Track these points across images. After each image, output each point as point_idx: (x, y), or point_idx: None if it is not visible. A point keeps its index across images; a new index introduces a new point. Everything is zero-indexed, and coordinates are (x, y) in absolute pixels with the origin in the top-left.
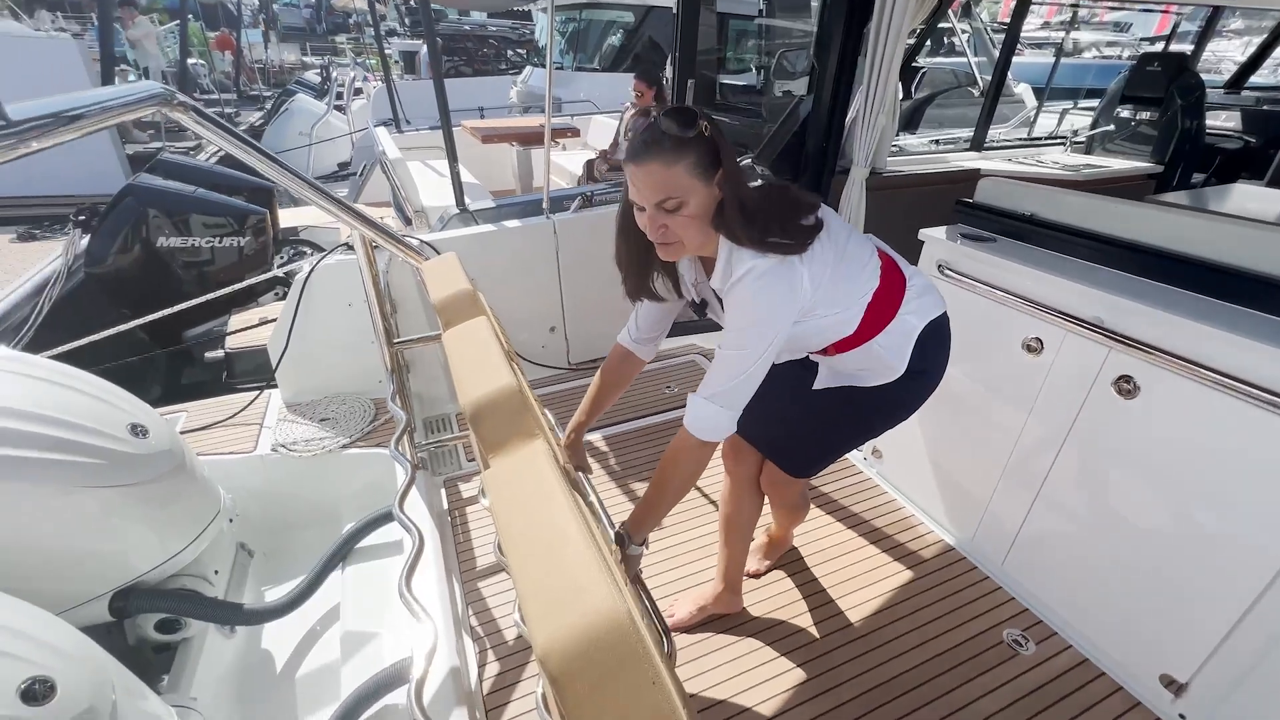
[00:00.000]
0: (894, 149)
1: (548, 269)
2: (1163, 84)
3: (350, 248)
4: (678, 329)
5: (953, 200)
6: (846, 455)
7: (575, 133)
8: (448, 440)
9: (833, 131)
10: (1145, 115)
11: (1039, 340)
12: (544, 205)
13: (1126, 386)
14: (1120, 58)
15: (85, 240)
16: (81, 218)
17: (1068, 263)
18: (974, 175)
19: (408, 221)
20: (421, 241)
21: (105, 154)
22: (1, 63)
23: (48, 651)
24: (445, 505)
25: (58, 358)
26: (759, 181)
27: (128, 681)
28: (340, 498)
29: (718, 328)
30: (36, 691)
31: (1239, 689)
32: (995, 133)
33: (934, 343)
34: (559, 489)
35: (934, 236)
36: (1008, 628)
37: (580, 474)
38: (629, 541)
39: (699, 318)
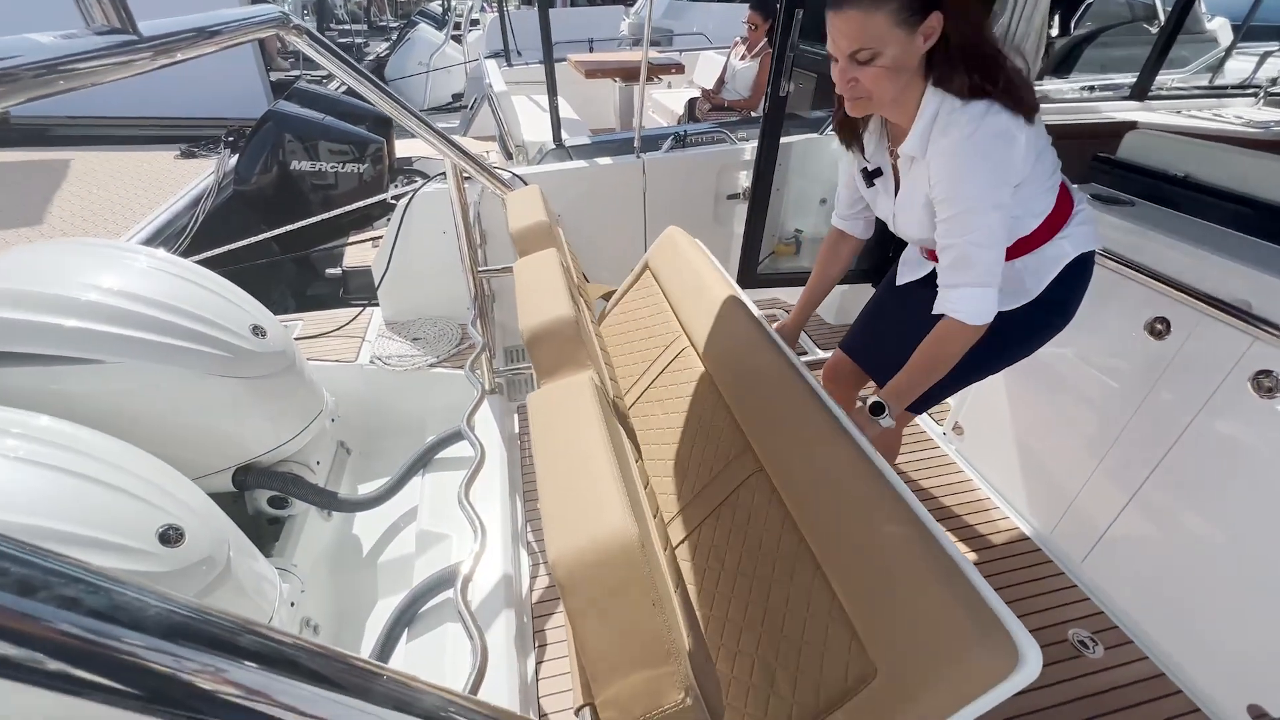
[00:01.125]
0: (1038, 94)
1: (633, 209)
2: None
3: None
4: (762, 280)
5: (1093, 158)
6: (925, 429)
7: (680, 69)
8: (524, 369)
9: None
10: None
11: (1165, 322)
12: (635, 144)
13: (1267, 383)
14: None
15: (233, 160)
16: (231, 139)
17: (1215, 235)
18: (1127, 129)
19: (509, 156)
20: (513, 175)
21: (252, 81)
22: None
23: (181, 506)
24: (516, 429)
25: (205, 261)
26: None
27: (241, 542)
28: (426, 412)
29: (802, 281)
30: (170, 536)
31: None
32: (1169, 79)
33: (1077, 276)
34: (596, 419)
35: None
36: (1075, 627)
37: (627, 418)
38: (885, 411)
39: (868, 185)
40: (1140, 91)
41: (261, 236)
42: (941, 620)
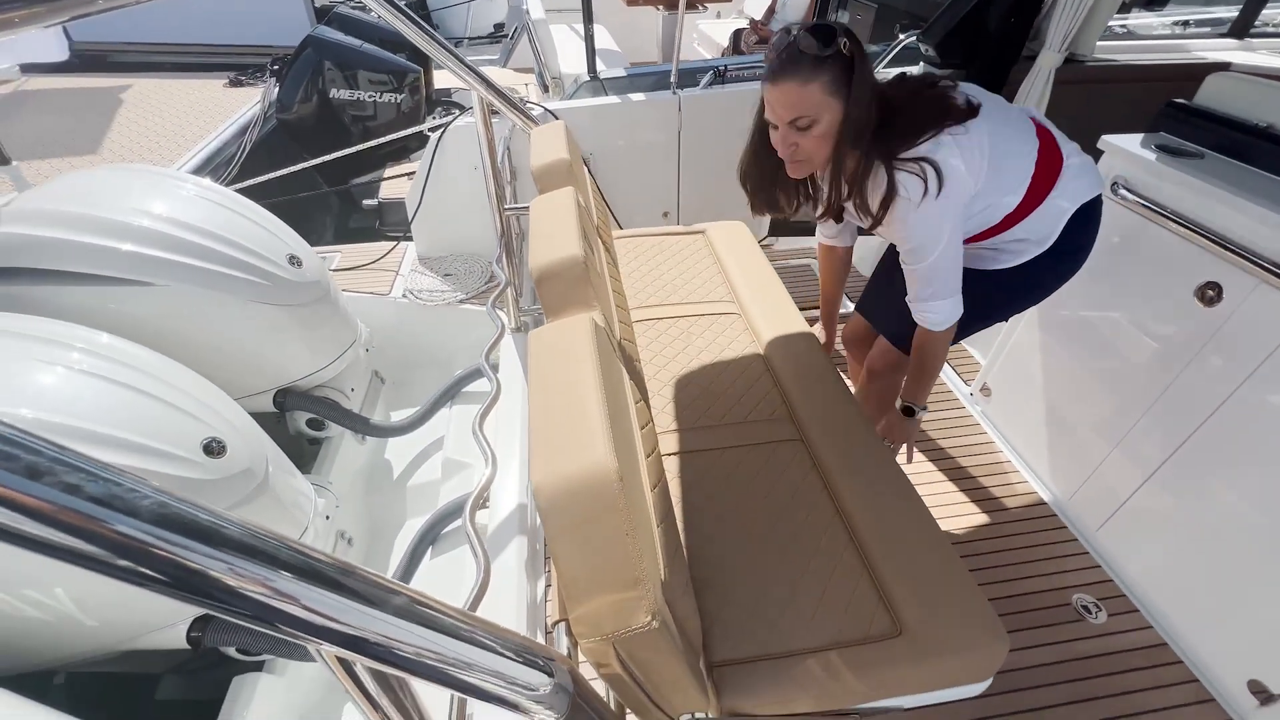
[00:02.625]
0: (1119, 29)
1: (667, 149)
2: None
3: None
4: (792, 229)
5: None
6: (952, 389)
7: None
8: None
9: (1025, 2)
10: None
11: (1217, 288)
12: (672, 79)
13: None
14: None
15: (278, 89)
16: (276, 67)
17: None
18: (1217, 70)
19: (545, 89)
20: (544, 110)
21: (296, 7)
22: None
23: (224, 422)
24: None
25: (251, 191)
26: (919, 66)
27: (280, 458)
28: (455, 346)
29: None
30: (213, 447)
31: None
32: (1277, 13)
33: (1082, 225)
34: (591, 358)
35: (1117, 145)
36: (1079, 593)
37: (634, 360)
38: (915, 412)
39: (838, 223)
40: (1241, 27)
41: (300, 166)
42: (968, 610)
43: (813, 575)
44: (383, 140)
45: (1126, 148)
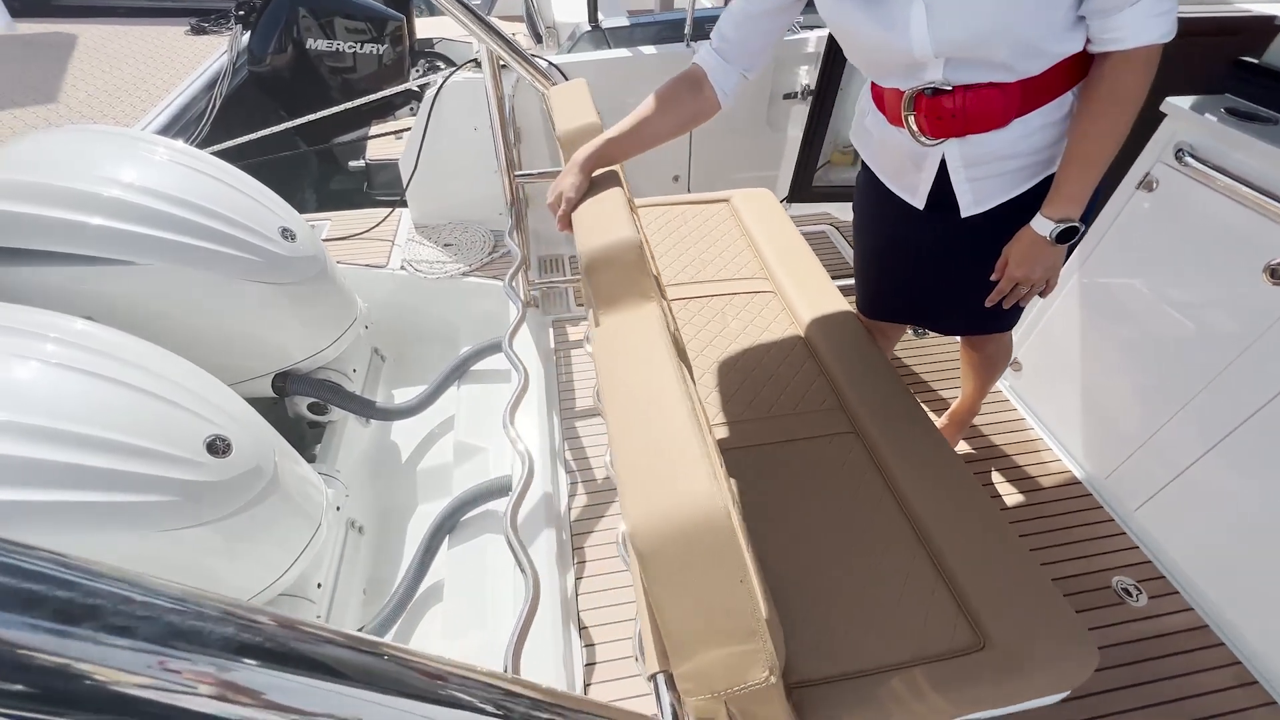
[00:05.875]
0: None
1: None
2: None
3: (480, 65)
4: (815, 194)
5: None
6: None
7: None
8: (559, 282)
9: None
10: None
11: None
12: (686, 29)
13: None
14: None
15: (246, 37)
16: (241, 12)
17: None
18: None
19: (538, 39)
20: (549, 64)
21: None
22: None
23: (225, 416)
24: (552, 344)
25: (224, 153)
26: None
27: (285, 449)
28: (458, 321)
29: (848, 197)
30: (218, 446)
31: None
32: None
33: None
34: (670, 367)
35: (1182, 107)
36: (1119, 575)
37: (683, 350)
38: (1079, 231)
39: None
40: None
41: (282, 127)
42: (1052, 619)
43: (884, 583)
44: (375, 97)
45: (1192, 109)
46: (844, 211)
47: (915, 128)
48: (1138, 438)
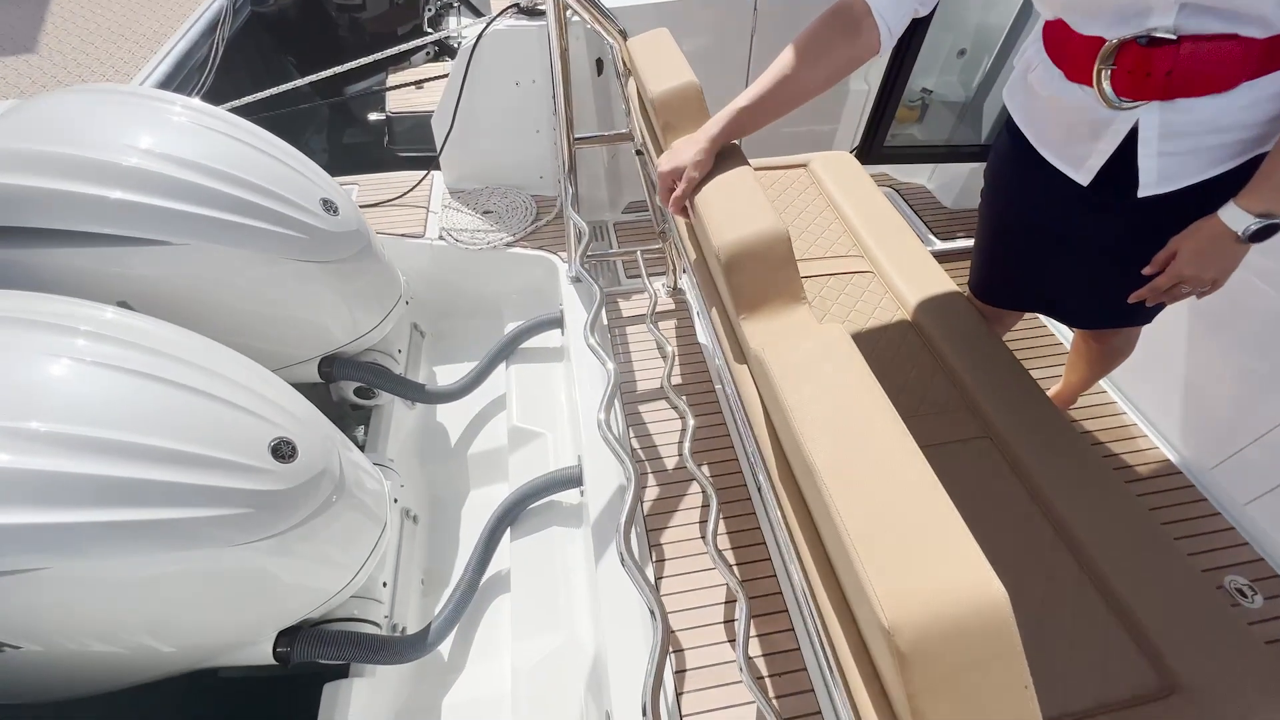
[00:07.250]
0: None
1: (735, 58)
2: None
3: (522, 9)
4: (886, 155)
5: None
6: (1063, 342)
7: None
8: (611, 254)
9: None
10: None
11: None
12: None
13: None
14: None
15: None
16: None
17: None
18: None
19: None
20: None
21: None
22: None
23: (286, 415)
24: (605, 322)
25: (231, 107)
26: None
27: (346, 446)
28: (502, 294)
29: (928, 158)
30: (283, 450)
31: None
32: None
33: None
34: (882, 402)
35: None
36: (1231, 574)
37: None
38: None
39: None
40: None
41: (304, 81)
42: (1245, 656)
43: (1050, 617)
44: (407, 47)
45: None
46: (903, 173)
47: (1108, 86)
48: (1252, 430)
